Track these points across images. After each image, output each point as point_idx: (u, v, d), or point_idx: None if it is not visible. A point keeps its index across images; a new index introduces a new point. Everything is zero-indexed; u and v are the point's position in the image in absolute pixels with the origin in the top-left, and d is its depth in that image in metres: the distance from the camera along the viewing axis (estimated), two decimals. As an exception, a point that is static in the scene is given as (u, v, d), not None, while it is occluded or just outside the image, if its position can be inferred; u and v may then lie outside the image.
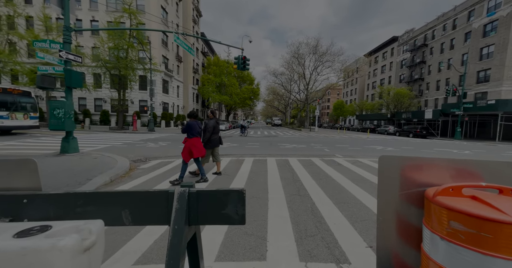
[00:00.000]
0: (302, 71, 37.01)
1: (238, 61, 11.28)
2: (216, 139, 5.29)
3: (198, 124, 4.69)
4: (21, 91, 12.90)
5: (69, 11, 6.85)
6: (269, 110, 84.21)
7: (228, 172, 5.71)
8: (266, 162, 7.21)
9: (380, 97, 39.03)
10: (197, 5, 42.32)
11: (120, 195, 0.97)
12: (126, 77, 21.69)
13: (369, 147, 12.60)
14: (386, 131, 29.45)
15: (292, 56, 36.42)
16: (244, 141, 14.37)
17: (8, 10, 19.44)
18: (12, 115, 12.17)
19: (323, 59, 34.88)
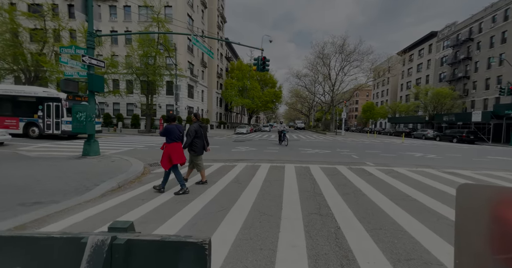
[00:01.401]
0: (327, 72, 35.37)
1: (257, 62, 10.84)
2: (199, 143, 4.70)
3: (178, 128, 4.25)
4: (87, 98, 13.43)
5: (92, 17, 7.09)
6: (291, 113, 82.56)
7: (240, 180, 5.18)
8: (284, 169, 6.54)
9: (416, 98, 35.44)
10: (221, 12, 43.49)
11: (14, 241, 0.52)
12: (154, 83, 22.80)
13: (405, 153, 11.08)
14: (424, 135, 26.37)
15: (316, 56, 35.09)
16: (263, 145, 13.81)
17: (54, 24, 21.78)
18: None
19: (351, 59, 32.91)
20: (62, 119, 12.18)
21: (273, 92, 42.09)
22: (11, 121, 12.58)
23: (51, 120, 12.28)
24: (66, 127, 12.07)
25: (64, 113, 12.09)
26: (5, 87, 13.06)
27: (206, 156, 8.70)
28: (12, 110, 12.55)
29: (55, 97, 12.13)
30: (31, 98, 12.33)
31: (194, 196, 3.97)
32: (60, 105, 12.14)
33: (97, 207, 3.35)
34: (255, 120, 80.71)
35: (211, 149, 11.12)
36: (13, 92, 12.52)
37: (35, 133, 12.43)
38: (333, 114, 36.32)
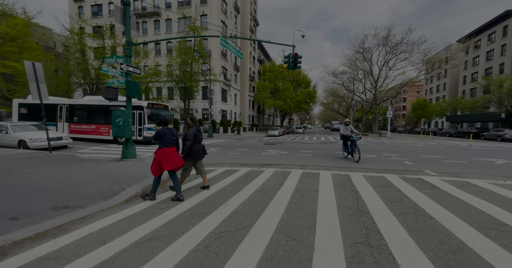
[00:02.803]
0: (369, 67, 32.07)
1: (288, 60, 10.17)
2: (198, 149, 4.40)
3: (171, 132, 3.96)
4: (163, 106, 14.57)
5: (130, 28, 7.51)
6: (327, 114, 78.14)
7: (267, 189, 4.60)
8: (319, 177, 5.70)
9: (487, 91, 29.41)
10: (254, 15, 43.98)
11: None
12: (191, 88, 24.09)
13: (480, 160, 8.86)
14: (500, 136, 21.46)
15: (355, 51, 32.19)
16: (296, 148, 12.93)
17: (111, 41, 24.92)
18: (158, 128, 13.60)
19: (397, 51, 29.12)
20: (144, 126, 12.80)
21: (306, 92, 40.38)
22: (104, 128, 13.74)
23: (135, 127, 12.84)
24: (147, 133, 12.81)
25: (145, 120, 12.76)
26: (100, 98, 14.20)
27: (235, 160, 8.51)
28: (105, 118, 13.67)
29: (138, 105, 12.71)
30: (120, 107, 13.43)
31: (213, 207, 3.55)
32: (143, 112, 12.72)
33: (114, 216, 3.21)
34: (288, 122, 79.02)
35: (240, 152, 10.94)
36: (106, 102, 13.52)
37: (122, 139, 12.91)
38: (376, 113, 32.75)
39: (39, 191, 4.10)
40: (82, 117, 14.40)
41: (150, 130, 12.94)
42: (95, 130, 13.95)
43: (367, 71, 33.27)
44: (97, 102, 13.97)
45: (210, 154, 10.06)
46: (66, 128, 14.60)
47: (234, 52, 9.73)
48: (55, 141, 10.36)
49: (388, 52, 29.71)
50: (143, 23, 31.56)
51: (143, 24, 31.60)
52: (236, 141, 17.35)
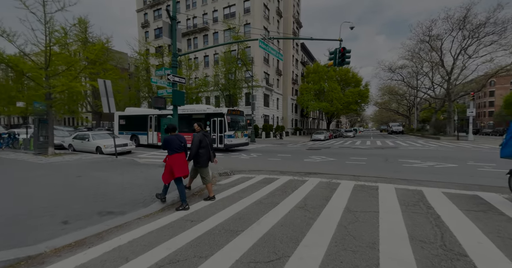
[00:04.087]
0: (439, 58, 26.72)
1: (334, 56, 9.15)
2: (204, 154, 4.29)
3: (179, 138, 3.92)
4: (239, 112, 14.06)
5: (176, 41, 8.03)
6: (383, 115, 69.24)
7: (309, 205, 3.90)
8: (377, 192, 4.63)
9: None
10: (297, 18, 43.21)
11: None
12: (235, 95, 25.00)
13: None
14: None
15: (419, 41, 27.39)
16: (345, 154, 11.47)
17: (169, 58, 28.26)
18: (236, 134, 13.11)
19: (479, 34, 23.30)
20: (224, 133, 12.36)
21: (357, 91, 36.67)
22: (188, 136, 15.34)
23: (216, 134, 12.70)
24: (228, 141, 12.39)
25: (226, 127, 12.31)
26: (182, 107, 14.39)
27: (275, 167, 7.82)
28: (188, 127, 13.47)
29: (219, 113, 12.67)
30: (201, 115, 13.42)
31: (245, 225, 3.12)
32: (223, 120, 12.34)
33: (146, 227, 3.14)
34: (335, 125, 73.66)
35: (281, 158, 10.34)
36: (188, 111, 13.95)
37: None
38: (450, 112, 26.91)
39: (94, 195, 4.49)
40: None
41: (231, 137, 12.61)
42: None
43: (435, 62, 27.93)
44: (181, 111, 14.00)
45: (250, 160, 9.83)
46: (155, 137, 15.13)
47: (273, 53, 9.37)
48: (121, 147, 11.97)
49: (467, 37, 24.12)
50: (194, 39, 34.77)
51: (194, 40, 34.81)
52: (277, 146, 16.80)
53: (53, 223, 3.11)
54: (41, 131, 11.10)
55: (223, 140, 12.47)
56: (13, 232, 2.83)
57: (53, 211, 3.57)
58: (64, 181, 5.61)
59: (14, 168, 7.34)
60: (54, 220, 3.21)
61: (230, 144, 12.62)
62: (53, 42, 10.02)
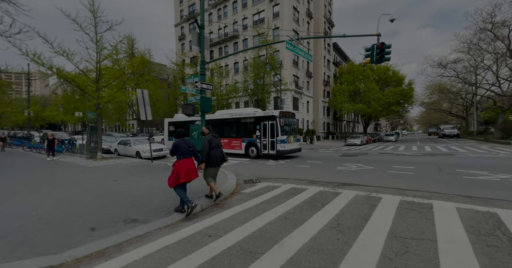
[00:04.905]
0: (507, 47, 22.46)
1: (371, 52, 8.25)
2: (218, 154, 4.43)
3: (187, 144, 3.98)
4: (290, 114, 12.90)
5: (204, 49, 8.23)
6: (431, 116, 61.10)
7: (343, 225, 3.34)
8: (432, 213, 3.79)
9: None
10: (329, 17, 41.64)
11: None
12: (264, 100, 24.97)
13: None
14: None
15: (478, 30, 23.50)
16: (386, 162, 10.16)
17: (198, 67, 29.86)
18: (289, 139, 11.94)
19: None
20: (277, 138, 11.27)
21: (398, 91, 33.15)
22: (236, 142, 13.13)
23: (266, 139, 11.76)
24: (280, 146, 11.28)
25: (278, 131, 11.21)
26: (230, 111, 14.39)
27: (304, 175, 7.16)
28: (236, 131, 13.27)
29: (270, 115, 11.61)
30: (250, 119, 12.53)
31: (266, 246, 2.76)
32: (275, 123, 11.31)
33: (164, 239, 3.03)
34: (374, 128, 67.88)
35: (311, 165, 9.64)
36: (236, 115, 13.31)
37: (253, 153, 12.28)
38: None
39: (124, 200, 4.67)
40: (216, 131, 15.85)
41: (284, 142, 11.50)
42: (227, 144, 13.40)
43: (501, 53, 23.58)
44: (228, 116, 13.72)
45: (277, 166, 9.40)
46: None
47: (301, 54, 8.91)
48: (157, 152, 12.76)
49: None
50: (225, 47, 36.11)
51: (225, 48, 36.15)
52: (307, 152, 15.94)
53: (82, 229, 3.22)
54: (92, 138, 12.55)
55: (275, 146, 11.38)
56: (45, 236, 3.00)
57: (86, 216, 3.75)
58: (103, 185, 6.05)
59: (67, 171, 8.31)
60: (84, 226, 3.34)
61: (283, 150, 11.49)
62: (102, 58, 11.34)
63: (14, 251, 2.58)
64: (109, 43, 11.36)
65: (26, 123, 28.22)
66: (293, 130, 12.72)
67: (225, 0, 34.96)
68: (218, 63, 33.24)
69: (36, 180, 6.78)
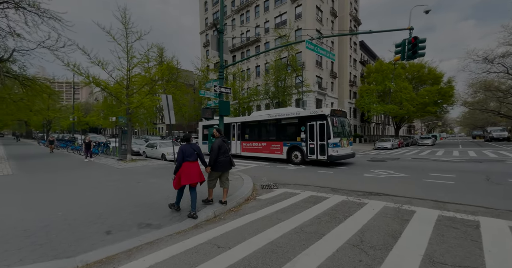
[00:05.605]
0: None
1: (402, 48, 7.50)
2: (225, 161, 4.46)
3: (192, 147, 4.11)
4: (342, 112, 11.09)
5: (222, 53, 8.31)
6: (476, 117, 54.18)
7: (367, 242, 2.93)
8: (480, 232, 3.17)
9: None
10: (355, 15, 39.85)
11: None
12: (285, 102, 24.59)
13: None
14: None
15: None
16: (421, 168, 9.09)
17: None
18: (342, 142, 10.20)
19: None
20: (328, 141, 9.62)
21: (435, 90, 30.09)
22: (276, 145, 11.83)
23: (314, 142, 10.15)
24: (333, 150, 9.64)
25: (330, 133, 9.61)
26: (268, 112, 13.31)
27: (325, 182, 6.62)
28: (276, 134, 11.95)
29: (319, 115, 10.05)
30: (293, 119, 11.17)
31: (277, 264, 2.52)
32: (325, 123, 9.74)
33: (173, 248, 2.96)
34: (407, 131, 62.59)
35: (334, 170, 9.02)
36: (275, 115, 11.99)
37: (297, 158, 10.81)
38: None
39: (143, 203, 4.78)
40: (252, 134, 13.25)
41: (336, 146, 9.77)
42: (266, 148, 12.34)
43: None
44: (267, 117, 12.50)
45: (297, 171, 9.00)
46: (239, 147, 13.86)
47: (323, 54, 8.49)
48: (180, 154, 13.21)
49: None
50: (247, 51, 36.60)
51: (247, 52, 36.63)
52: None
53: (99, 232, 3.32)
54: (123, 141, 13.48)
55: (326, 150, 9.70)
56: (65, 238, 3.13)
57: (105, 218, 3.89)
58: (126, 187, 6.34)
59: (97, 172, 8.96)
60: (101, 229, 3.44)
61: (335, 155, 9.71)
62: (131, 66, 12.18)
63: (33, 252, 2.71)
64: (138, 52, 12.19)
65: (71, 127, 31.59)
66: (346, 132, 10.98)
67: (248, 5, 35.54)
68: (239, 68, 33.77)
69: (70, 180, 7.39)
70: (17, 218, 3.87)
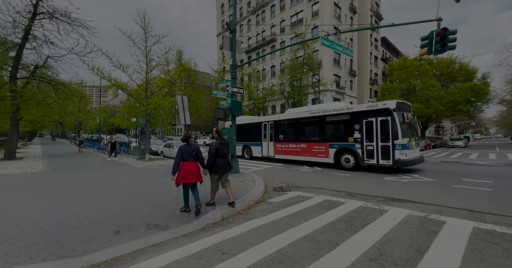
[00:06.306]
0: None
1: (429, 41, 6.86)
2: (223, 163, 4.39)
3: (191, 148, 4.22)
4: (408, 106, 9.01)
5: (235, 53, 8.26)
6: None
7: (387, 257, 2.60)
8: (528, 254, 2.68)
9: None
10: (376, 10, 37.99)
11: None
12: (301, 102, 24.06)
13: None
14: None
15: None
16: (452, 173, 8.23)
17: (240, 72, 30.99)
18: (411, 143, 8.32)
19: None
20: (394, 142, 7.87)
21: (468, 87, 27.55)
22: (319, 147, 10.23)
23: (373, 144, 8.42)
24: (401, 154, 7.79)
25: (397, 132, 7.78)
26: (307, 109, 11.73)
27: (341, 185, 6.23)
28: (319, 134, 10.39)
29: (380, 109, 8.25)
30: (342, 116, 9.53)
31: (284, 276, 2.30)
32: (390, 120, 7.93)
33: (177, 251, 2.88)
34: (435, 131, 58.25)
35: (352, 173, 8.49)
36: (318, 112, 10.44)
37: (349, 163, 9.17)
38: None
39: (154, 203, 4.81)
40: (289, 134, 11.87)
41: (405, 148, 7.88)
42: (306, 150, 10.79)
43: None
44: (306, 114, 10.94)
45: (312, 173, 8.62)
46: (272, 149, 12.53)
47: (340, 50, 8.06)
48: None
49: None
50: (262, 52, 36.51)
51: (262, 52, 36.55)
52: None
53: (108, 232, 3.35)
54: (142, 141, 14.02)
55: (392, 154, 7.90)
56: (76, 236, 3.20)
57: (115, 217, 3.95)
58: (141, 186, 6.49)
59: (117, 171, 9.35)
60: (110, 228, 3.47)
61: (404, 160, 7.83)
62: (150, 69, 12.64)
63: (43, 250, 2.78)
64: (156, 55, 12.62)
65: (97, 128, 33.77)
66: (414, 130, 9.07)
67: (264, 5, 35.45)
68: (255, 68, 33.78)
69: (91, 178, 7.77)
70: (38, 215, 4.07)
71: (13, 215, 4.10)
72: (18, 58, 13.39)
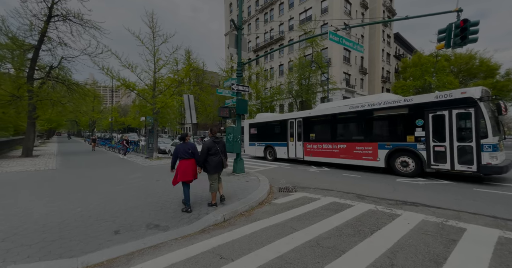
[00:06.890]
0: None
1: (447, 34, 6.40)
2: (216, 161, 4.45)
3: (187, 146, 4.29)
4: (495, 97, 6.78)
5: (240, 50, 8.11)
6: (546, 115, 45.56)
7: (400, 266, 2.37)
8: None
9: None
10: (389, 5, 36.68)
11: None
12: (309, 101, 23.62)
13: None
14: None
15: None
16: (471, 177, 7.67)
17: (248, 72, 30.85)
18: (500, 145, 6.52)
19: None
20: (482, 142, 6.08)
21: (489, 84, 25.95)
22: (365, 148, 8.60)
23: (444, 144, 6.69)
24: (489, 157, 6.02)
25: (488, 129, 6.02)
26: (345, 103, 10.06)
27: (350, 186, 5.97)
28: (364, 132, 8.70)
29: (457, 99, 6.48)
30: (398, 110, 7.75)
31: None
32: (474, 113, 6.19)
33: (175, 254, 2.77)
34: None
35: (362, 174, 8.12)
36: (363, 106, 8.68)
37: (408, 167, 7.52)
38: None
39: (156, 202, 4.77)
40: (322, 132, 10.31)
41: (495, 150, 6.04)
42: (345, 151, 9.18)
43: None
44: (347, 109, 9.24)
45: (319, 173, 8.33)
46: (301, 150, 10.94)
47: (349, 45, 7.71)
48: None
49: None
50: (270, 50, 36.19)
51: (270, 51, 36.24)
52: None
53: (107, 232, 3.31)
54: (150, 139, 14.21)
55: (479, 157, 6.14)
56: (75, 235, 3.18)
57: (117, 217, 3.91)
58: (145, 184, 6.49)
59: (125, 169, 9.47)
60: (110, 228, 3.43)
61: (495, 165, 5.99)
62: (157, 68, 12.76)
63: (42, 249, 2.76)
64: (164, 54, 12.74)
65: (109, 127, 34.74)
66: (501, 127, 7.06)
67: (272, 3, 35.09)
68: (262, 67, 33.54)
69: (99, 176, 7.90)
70: (43, 213, 4.12)
71: (19, 212, 4.17)
72: (34, 60, 13.92)
